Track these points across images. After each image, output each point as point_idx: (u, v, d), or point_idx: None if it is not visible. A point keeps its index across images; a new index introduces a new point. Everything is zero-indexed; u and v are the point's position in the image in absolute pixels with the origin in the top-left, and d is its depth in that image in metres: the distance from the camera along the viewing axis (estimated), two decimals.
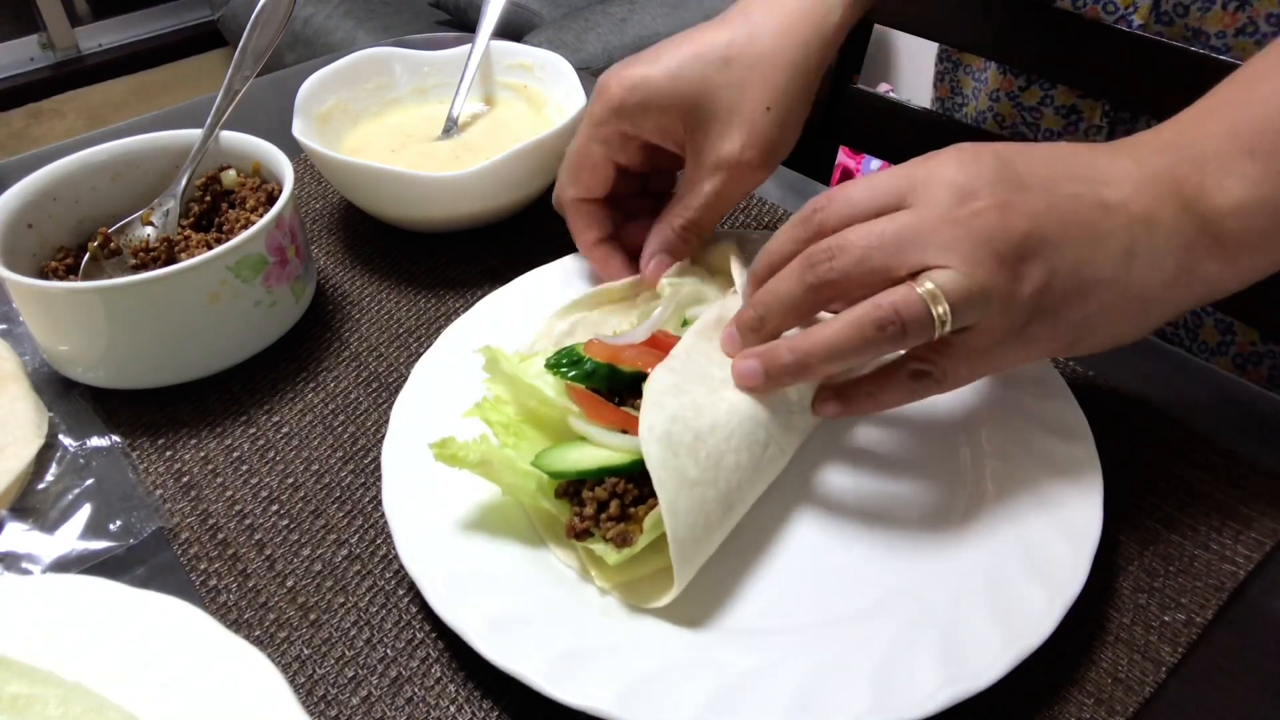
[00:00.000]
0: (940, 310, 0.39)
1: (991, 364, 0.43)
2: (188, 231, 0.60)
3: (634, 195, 0.60)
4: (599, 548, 0.43)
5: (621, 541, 0.43)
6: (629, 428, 0.44)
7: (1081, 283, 0.41)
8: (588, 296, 0.56)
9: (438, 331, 0.60)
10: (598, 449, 0.44)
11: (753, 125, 0.51)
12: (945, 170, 0.41)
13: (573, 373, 0.47)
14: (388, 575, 0.47)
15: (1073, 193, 0.41)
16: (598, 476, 0.44)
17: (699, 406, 0.44)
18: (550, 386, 0.47)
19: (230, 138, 0.63)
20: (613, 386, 0.48)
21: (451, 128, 0.73)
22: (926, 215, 0.40)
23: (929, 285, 0.39)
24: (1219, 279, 0.42)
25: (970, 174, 0.41)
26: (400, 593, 0.47)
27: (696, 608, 0.43)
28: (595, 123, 0.54)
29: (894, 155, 0.87)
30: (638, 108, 0.53)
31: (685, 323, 0.53)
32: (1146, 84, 0.69)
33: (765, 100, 0.51)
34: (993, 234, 0.39)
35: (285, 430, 0.55)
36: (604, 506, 0.43)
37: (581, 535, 0.44)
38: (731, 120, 0.52)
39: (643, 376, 0.46)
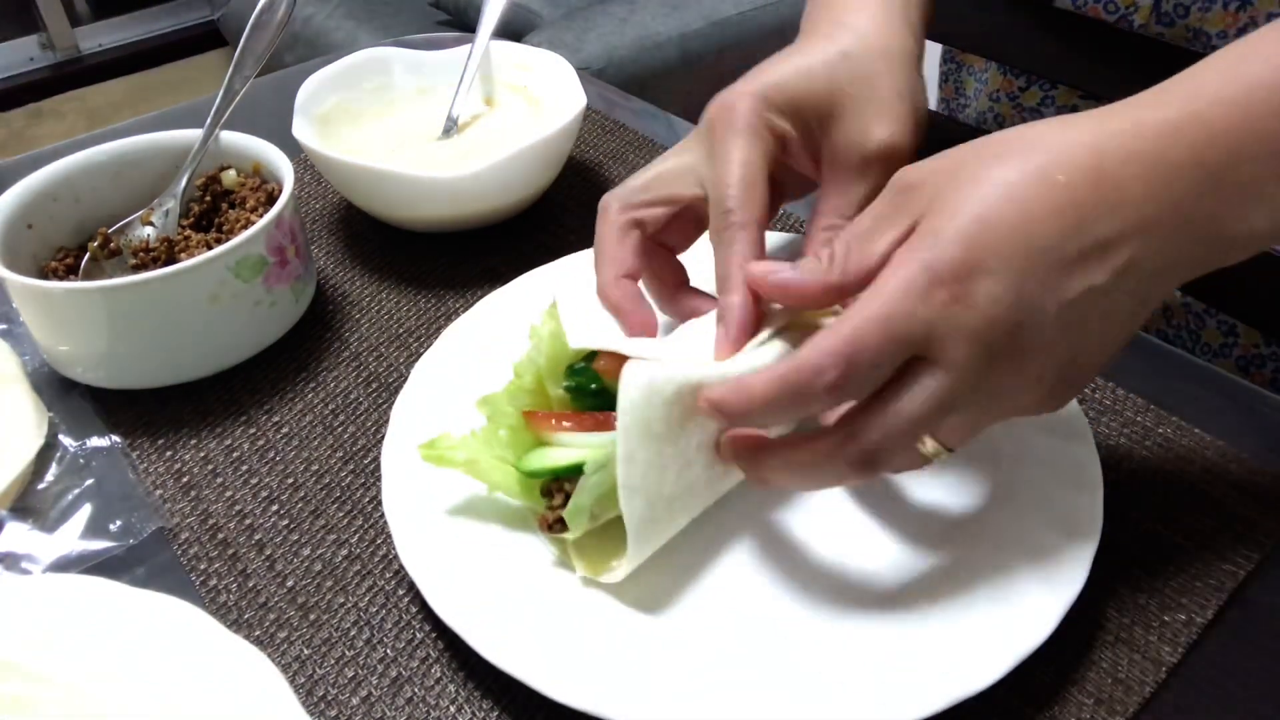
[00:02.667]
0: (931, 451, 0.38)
1: None
2: (188, 232, 0.60)
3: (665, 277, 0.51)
4: (569, 535, 0.43)
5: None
6: (604, 424, 0.43)
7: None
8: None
9: (438, 331, 0.60)
10: (576, 449, 0.44)
11: (894, 111, 0.47)
12: (965, 317, 0.36)
13: (590, 401, 0.45)
14: (388, 575, 0.47)
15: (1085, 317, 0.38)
16: (572, 474, 0.43)
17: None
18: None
19: (230, 138, 0.63)
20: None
21: (451, 128, 0.73)
22: (959, 380, 0.37)
23: (932, 447, 0.38)
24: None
25: (989, 324, 0.37)
26: (400, 593, 0.47)
27: (698, 609, 0.43)
28: (747, 131, 0.46)
29: None
30: (786, 104, 0.47)
31: None
32: (1147, 85, 0.68)
33: (897, 87, 0.47)
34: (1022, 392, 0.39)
35: (285, 430, 0.55)
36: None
37: (554, 526, 0.44)
38: (868, 110, 0.47)
39: None
